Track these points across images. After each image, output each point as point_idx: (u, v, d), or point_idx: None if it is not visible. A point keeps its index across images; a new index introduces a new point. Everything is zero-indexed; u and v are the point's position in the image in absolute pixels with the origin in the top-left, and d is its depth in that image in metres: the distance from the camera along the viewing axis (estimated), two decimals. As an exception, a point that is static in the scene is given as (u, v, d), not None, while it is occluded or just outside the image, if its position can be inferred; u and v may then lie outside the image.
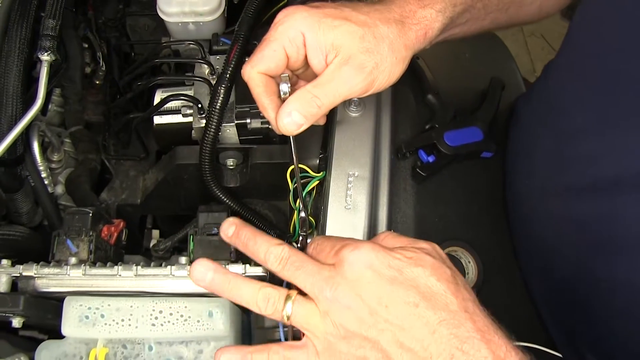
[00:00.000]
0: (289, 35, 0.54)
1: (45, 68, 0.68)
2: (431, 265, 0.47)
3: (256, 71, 0.55)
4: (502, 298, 0.72)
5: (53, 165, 0.79)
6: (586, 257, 0.59)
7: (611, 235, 0.55)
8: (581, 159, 0.59)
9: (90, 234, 0.64)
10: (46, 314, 0.60)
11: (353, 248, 0.47)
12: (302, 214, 0.64)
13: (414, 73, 0.80)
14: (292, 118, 0.53)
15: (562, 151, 0.62)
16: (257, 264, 0.61)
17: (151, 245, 0.78)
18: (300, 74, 0.61)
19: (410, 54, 0.58)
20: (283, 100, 0.55)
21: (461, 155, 0.74)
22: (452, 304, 0.45)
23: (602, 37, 0.57)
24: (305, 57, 0.56)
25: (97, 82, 0.86)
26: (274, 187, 0.76)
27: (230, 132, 0.74)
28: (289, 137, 0.59)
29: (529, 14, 0.71)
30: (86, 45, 0.84)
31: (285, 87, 0.54)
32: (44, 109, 0.76)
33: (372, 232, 0.62)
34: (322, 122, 0.62)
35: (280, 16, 0.56)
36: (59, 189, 0.79)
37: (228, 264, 0.60)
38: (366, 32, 0.54)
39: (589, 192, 0.57)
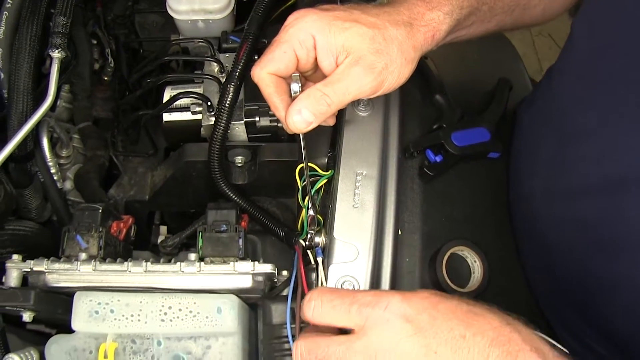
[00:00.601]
0: (299, 38, 0.55)
1: (56, 65, 0.68)
2: (452, 296, 0.47)
3: (265, 72, 0.56)
4: (505, 297, 0.73)
5: (62, 161, 0.80)
6: (589, 256, 0.59)
7: (614, 234, 0.55)
8: (584, 160, 0.59)
9: (100, 229, 0.65)
10: (56, 309, 0.61)
11: (385, 305, 0.46)
12: (311, 212, 0.65)
13: (421, 73, 0.80)
14: (301, 116, 0.54)
15: (564, 152, 0.63)
16: (265, 261, 0.61)
17: (159, 241, 0.79)
18: (309, 76, 0.61)
19: (418, 55, 0.59)
20: (293, 99, 0.55)
21: (468, 155, 0.74)
22: (494, 320, 0.45)
23: (604, 37, 0.57)
24: (315, 59, 0.57)
25: (106, 79, 0.87)
26: (282, 185, 0.76)
27: (239, 129, 0.74)
28: (298, 135, 0.59)
29: (533, 16, 0.72)
30: (95, 42, 0.84)
31: (296, 87, 0.55)
32: (53, 105, 0.76)
33: (379, 231, 0.63)
34: (331, 122, 0.62)
35: (290, 19, 0.57)
36: (68, 185, 0.79)
37: (236, 261, 0.61)
38: (376, 33, 0.55)
39: (592, 193, 0.57)
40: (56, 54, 0.68)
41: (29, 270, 0.60)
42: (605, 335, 0.60)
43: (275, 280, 0.64)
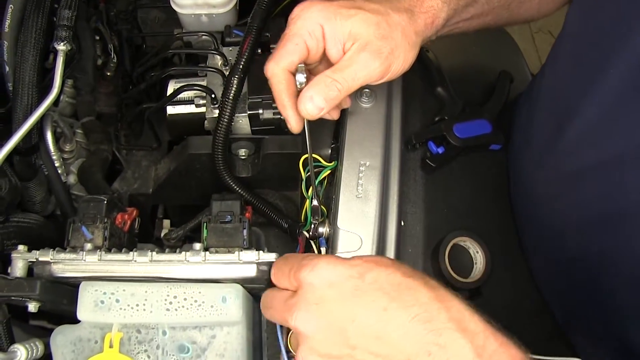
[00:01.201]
0: (308, 29, 0.56)
1: (61, 58, 0.68)
2: (392, 264, 0.47)
3: (281, 67, 0.57)
4: (508, 287, 0.73)
5: (65, 156, 0.80)
6: (590, 233, 0.60)
7: (613, 208, 0.56)
8: (581, 142, 0.60)
9: (105, 221, 0.65)
10: (61, 300, 0.61)
11: (310, 268, 0.47)
12: (315, 203, 0.65)
13: (423, 66, 0.81)
14: (313, 102, 0.55)
15: (561, 137, 0.63)
16: (270, 251, 0.62)
17: (162, 234, 0.79)
18: (313, 69, 0.62)
19: (420, 40, 0.61)
20: (299, 91, 0.56)
21: (470, 147, 0.75)
22: (423, 296, 0.45)
23: (597, 17, 0.57)
24: (324, 49, 0.58)
25: (109, 74, 0.87)
26: (285, 178, 0.77)
27: (242, 122, 0.74)
28: (303, 126, 0.60)
29: (529, 11, 0.73)
30: (97, 37, 0.85)
31: (301, 77, 0.56)
32: (56, 100, 0.77)
33: (382, 221, 0.63)
34: (335, 116, 0.63)
35: (296, 11, 0.58)
36: (71, 179, 0.80)
37: (241, 251, 0.61)
38: (380, 19, 0.57)
39: (590, 172, 0.58)
40: (61, 47, 0.68)
41: (35, 260, 0.60)
42: (607, 320, 0.61)
43: (280, 270, 0.64)
